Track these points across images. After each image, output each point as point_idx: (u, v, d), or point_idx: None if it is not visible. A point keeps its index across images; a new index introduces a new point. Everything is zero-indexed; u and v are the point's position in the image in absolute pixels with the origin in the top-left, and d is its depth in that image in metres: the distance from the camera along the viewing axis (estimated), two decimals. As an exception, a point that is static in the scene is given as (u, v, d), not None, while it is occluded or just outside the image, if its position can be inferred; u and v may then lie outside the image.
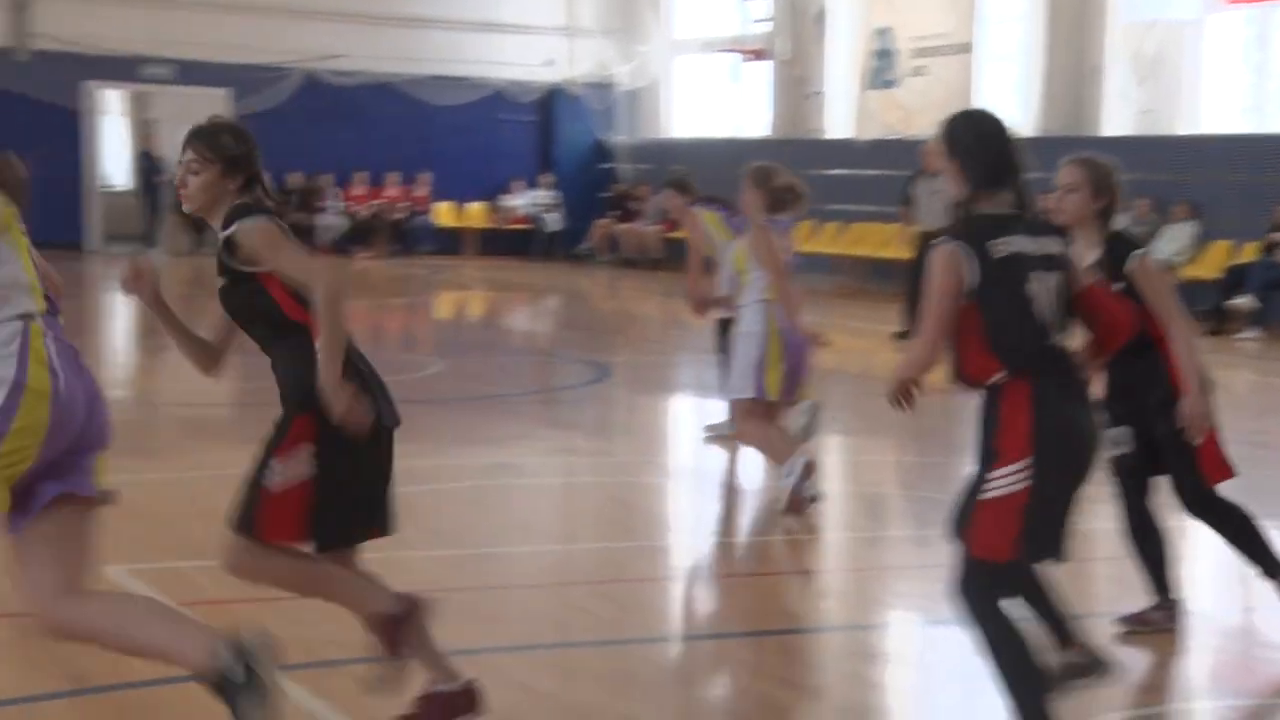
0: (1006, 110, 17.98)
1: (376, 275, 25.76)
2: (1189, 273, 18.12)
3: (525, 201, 29.55)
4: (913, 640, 6.50)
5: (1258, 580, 6.08)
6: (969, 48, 23.32)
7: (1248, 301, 17.60)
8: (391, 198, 29.17)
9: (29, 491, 4.04)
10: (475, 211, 29.96)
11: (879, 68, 25.00)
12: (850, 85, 25.58)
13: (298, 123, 28.27)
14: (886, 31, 24.82)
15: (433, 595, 4.83)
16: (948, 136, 4.57)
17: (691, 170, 10.86)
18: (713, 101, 28.84)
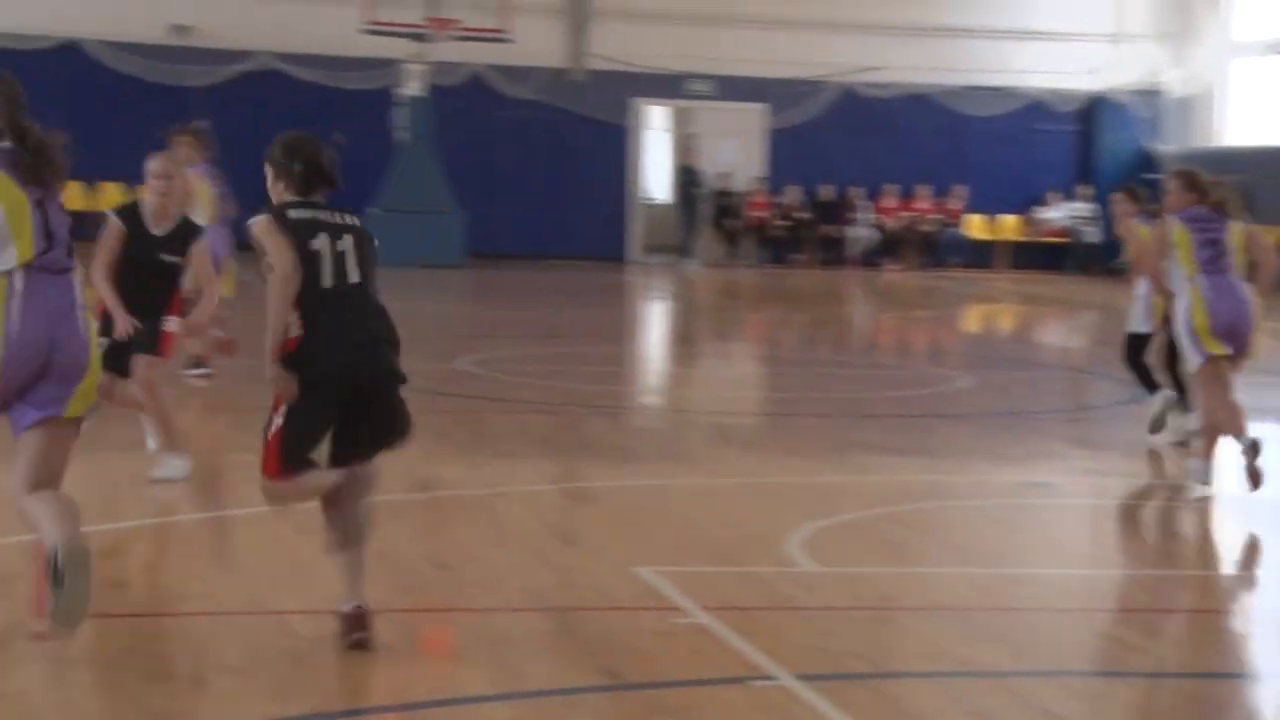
0: None
1: (905, 288, 25.69)
2: None
3: (1061, 214, 28.79)
4: None
5: None
6: None
7: None
8: (922, 210, 29.01)
9: (18, 411, 5.02)
10: (1008, 224, 29.41)
11: None
12: None
13: (831, 136, 28.58)
14: None
15: (960, 613, 4.72)
16: None
17: (1248, 181, 10.45)
18: (1275, 107, 27.16)
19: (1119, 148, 29.04)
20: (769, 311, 21.75)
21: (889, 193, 29.00)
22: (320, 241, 5.56)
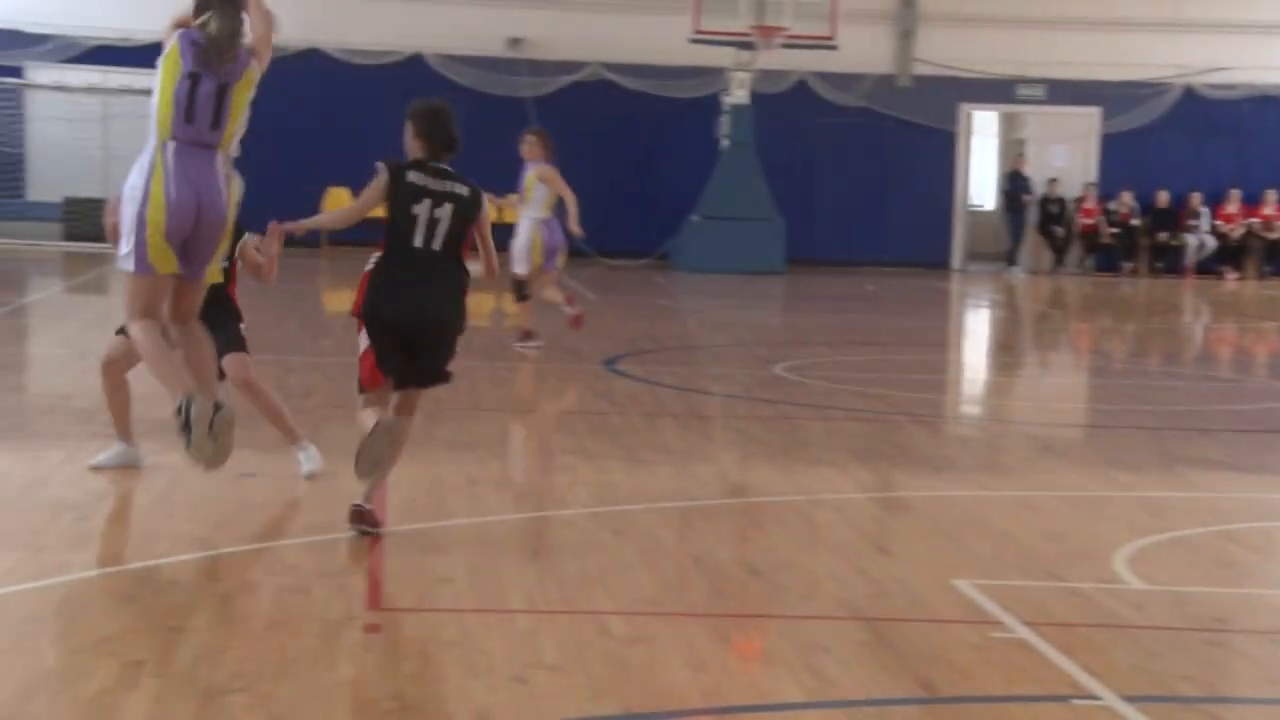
0: None
1: (1246, 297, 24.60)
2: None
3: None
4: None
5: None
6: None
7: None
8: (1267, 217, 27.73)
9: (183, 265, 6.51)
10: (1361, 231, 27.88)
11: None
12: None
13: (1168, 139, 27.58)
14: None
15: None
16: None
17: None
18: None
19: None
20: (1097, 320, 21.12)
21: (1231, 198, 27.81)
22: (421, 207, 6.65)
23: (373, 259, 6.79)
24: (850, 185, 27.86)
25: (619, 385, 12.17)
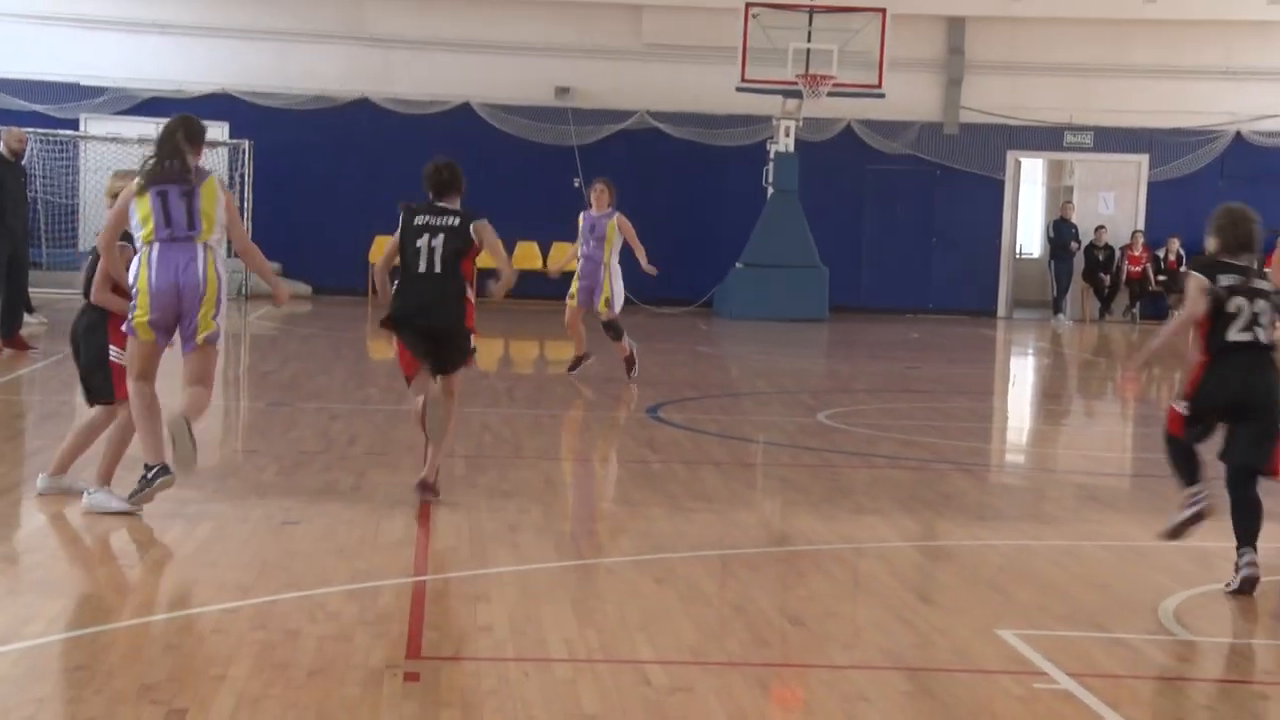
0: None
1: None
2: None
3: None
4: None
5: None
6: None
7: None
8: (1316, 264, 27.53)
9: (182, 341, 8.00)
10: None
11: None
12: None
13: (1216, 186, 27.43)
14: None
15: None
16: None
17: None
18: None
19: None
20: (1143, 370, 20.96)
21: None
22: (423, 240, 8.72)
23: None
24: (896, 232, 27.84)
25: (661, 432, 12.17)
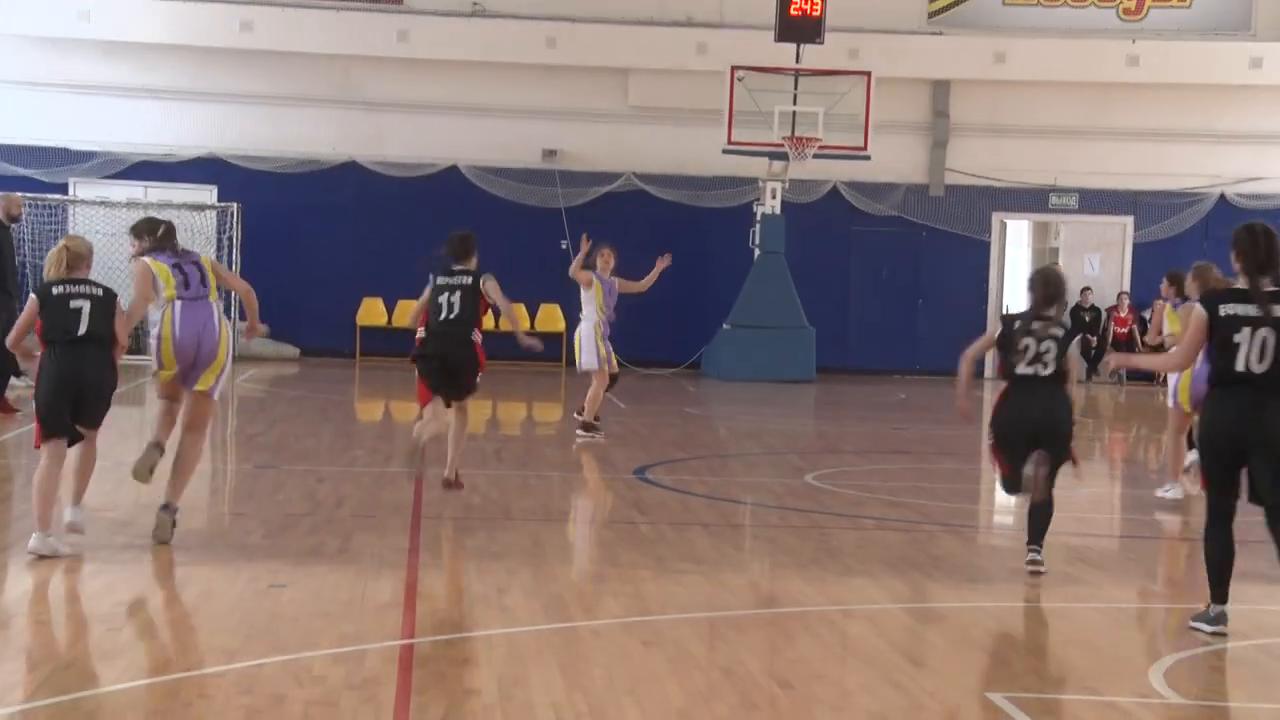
0: None
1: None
2: None
3: None
4: None
5: None
6: None
7: None
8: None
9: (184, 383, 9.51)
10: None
11: None
12: None
13: (1201, 247, 27.58)
14: None
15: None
16: None
17: None
18: None
19: None
20: (1131, 430, 21.01)
21: None
22: (443, 297, 11.16)
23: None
24: (883, 294, 27.94)
25: (649, 494, 12.15)
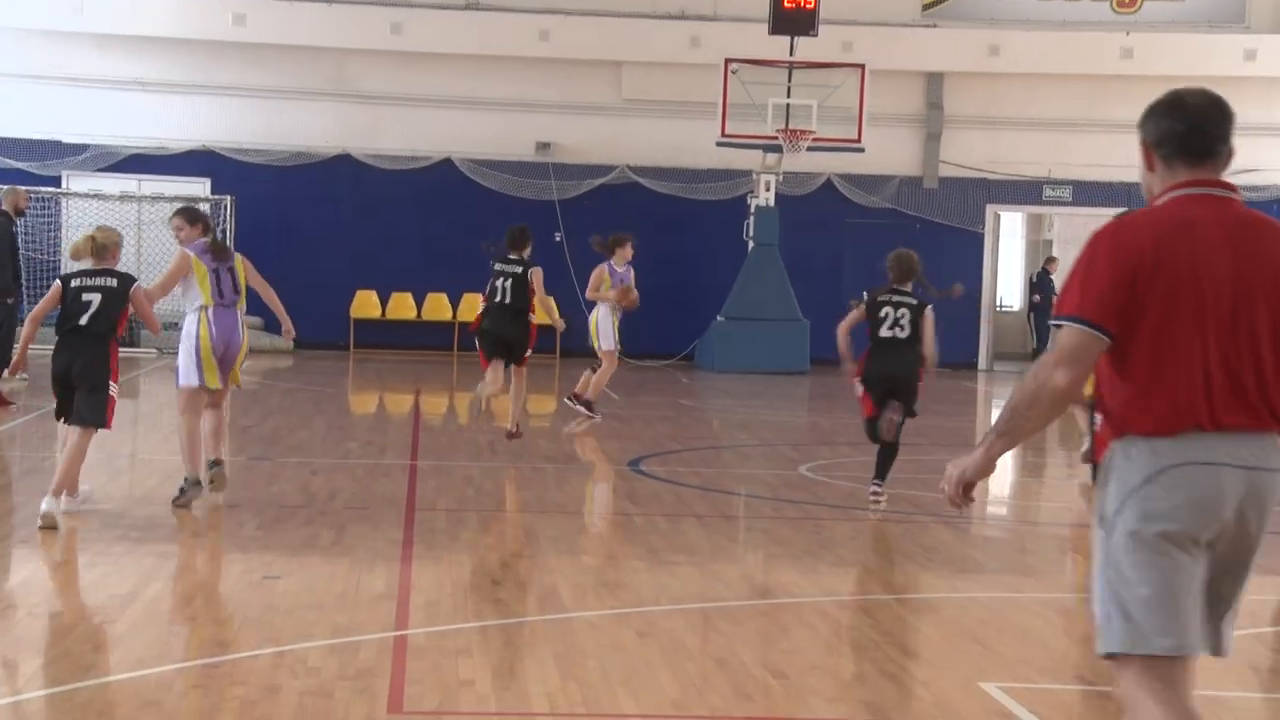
0: None
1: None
2: None
3: None
4: None
5: None
6: None
7: None
8: None
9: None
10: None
11: None
12: None
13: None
14: None
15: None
16: None
17: None
18: None
19: None
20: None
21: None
22: (498, 281, 13.34)
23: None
24: (876, 285, 27.92)
25: (643, 486, 12.17)
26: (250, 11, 26.62)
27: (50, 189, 26.27)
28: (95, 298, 9.42)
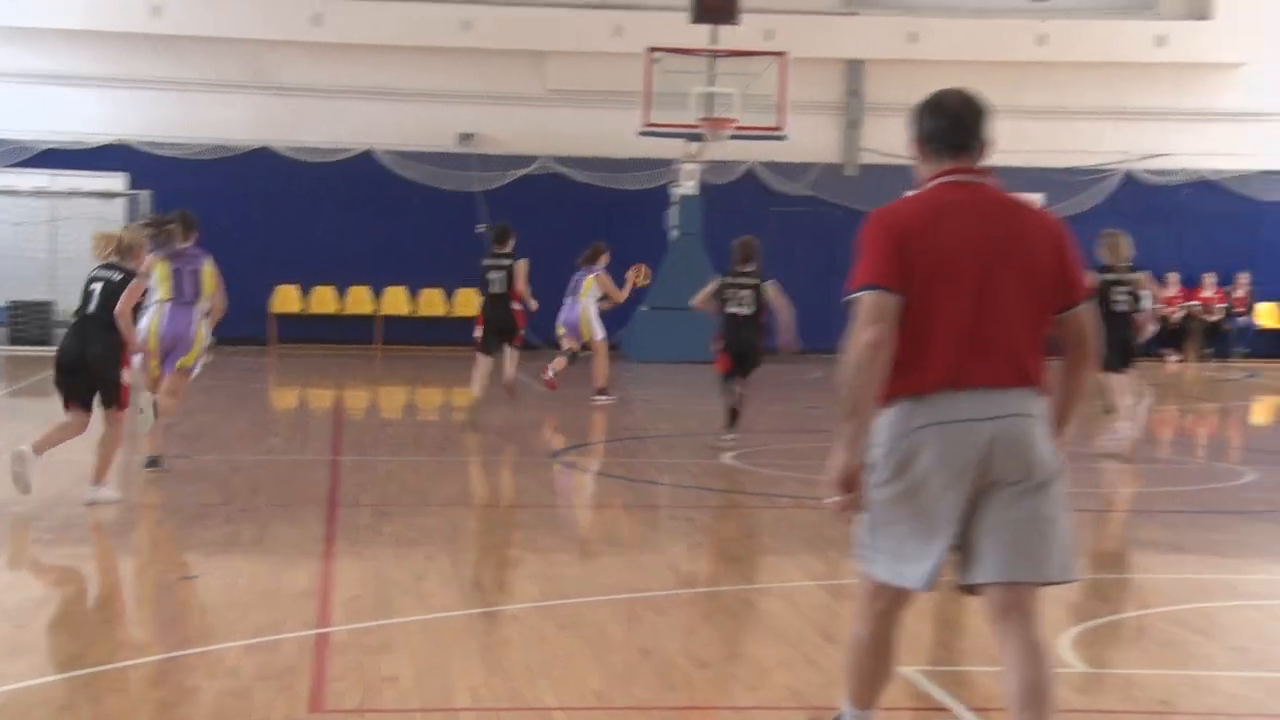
0: None
1: (1188, 379, 24.83)
2: None
3: (1360, 300, 27.62)
4: None
5: None
6: None
7: None
8: (1206, 299, 28.10)
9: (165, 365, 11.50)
10: (1302, 311, 28.29)
11: None
12: None
13: (1109, 224, 27.93)
14: None
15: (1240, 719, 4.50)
16: None
17: None
18: None
19: None
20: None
21: (1171, 281, 28.18)
22: (489, 275, 15.43)
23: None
24: (798, 273, 28.01)
25: (567, 477, 12.17)
26: (167, 3, 26.34)
27: (-38, 185, 25.91)
28: (97, 287, 10.16)
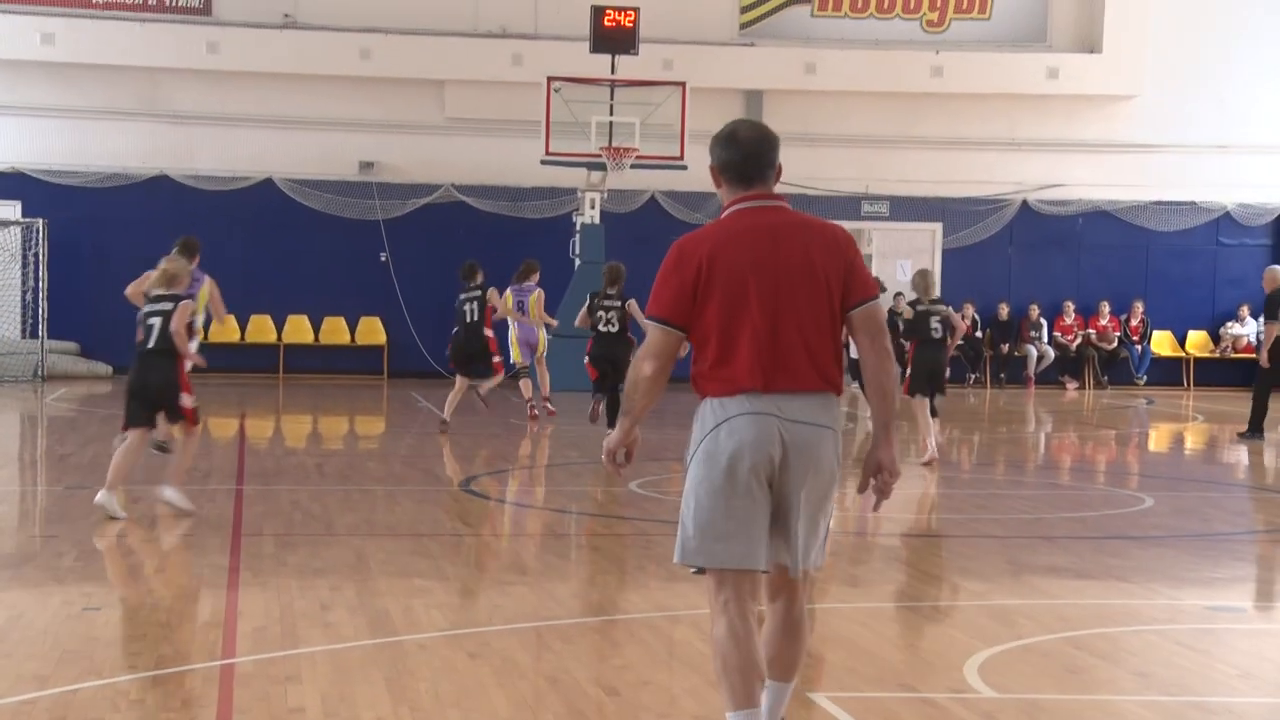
0: None
1: (1086, 406, 25.22)
2: None
3: (1253, 329, 28.16)
4: None
5: None
6: None
7: None
8: (1102, 328, 28.58)
9: None
10: (1194, 340, 28.81)
11: None
12: None
13: (1007, 253, 28.39)
14: None
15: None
16: None
17: None
18: None
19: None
20: (943, 430, 21.46)
21: (1067, 310, 28.63)
22: (464, 306, 17.55)
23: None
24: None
25: (474, 506, 12.12)
26: (59, 30, 26.01)
27: None
28: (156, 321, 10.84)
